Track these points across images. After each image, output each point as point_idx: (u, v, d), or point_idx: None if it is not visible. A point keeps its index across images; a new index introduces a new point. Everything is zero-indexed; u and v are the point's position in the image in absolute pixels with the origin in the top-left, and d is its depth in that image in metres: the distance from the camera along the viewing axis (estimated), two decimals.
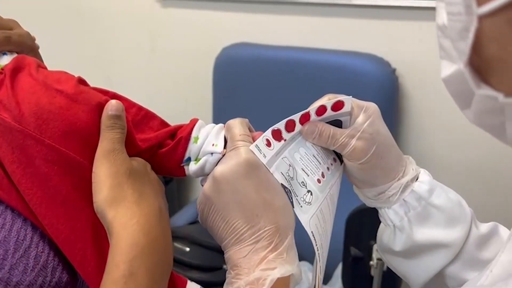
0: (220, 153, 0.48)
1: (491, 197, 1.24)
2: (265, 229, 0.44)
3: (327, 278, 1.17)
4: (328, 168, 0.52)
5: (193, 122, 0.51)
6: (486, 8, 0.27)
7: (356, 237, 1.04)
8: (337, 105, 0.50)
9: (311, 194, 0.48)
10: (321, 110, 0.50)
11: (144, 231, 0.40)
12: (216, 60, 1.41)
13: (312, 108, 0.50)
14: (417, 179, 0.53)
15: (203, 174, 0.49)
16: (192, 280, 0.53)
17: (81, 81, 0.46)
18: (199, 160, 0.49)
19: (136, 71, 1.64)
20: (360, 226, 1.02)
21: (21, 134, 0.41)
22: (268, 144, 0.47)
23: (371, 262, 1.00)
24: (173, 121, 0.52)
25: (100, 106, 0.44)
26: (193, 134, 0.49)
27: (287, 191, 0.46)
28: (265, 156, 0.46)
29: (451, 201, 0.53)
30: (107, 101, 0.45)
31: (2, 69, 0.45)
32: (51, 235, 0.42)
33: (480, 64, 0.30)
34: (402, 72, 1.26)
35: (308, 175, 0.49)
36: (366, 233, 1.01)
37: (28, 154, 0.41)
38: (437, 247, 0.52)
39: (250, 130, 0.49)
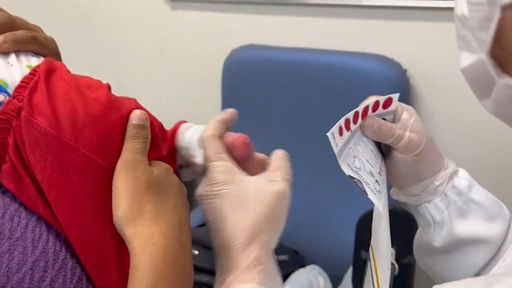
0: (201, 164, 0.48)
1: (506, 196, 1.23)
2: (251, 247, 0.43)
3: (337, 282, 1.17)
4: (381, 163, 0.54)
5: (174, 131, 0.50)
6: None
7: (366, 241, 1.03)
8: (388, 102, 0.52)
9: (378, 184, 0.50)
10: (376, 105, 0.52)
11: (163, 253, 0.40)
12: (225, 62, 1.40)
13: (370, 102, 0.52)
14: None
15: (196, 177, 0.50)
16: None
17: (109, 88, 0.46)
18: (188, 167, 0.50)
19: (145, 73, 1.64)
20: (371, 230, 1.01)
21: (56, 141, 0.40)
22: (340, 132, 0.48)
23: None
24: None
25: None
26: (178, 144, 0.50)
27: (356, 181, 0.48)
28: (337, 146, 0.47)
29: (490, 199, 0.54)
30: (136, 108, 0.45)
31: (35, 70, 0.44)
32: (76, 247, 0.41)
33: (501, 55, 0.30)
34: (413, 74, 1.25)
35: (372, 166, 0.51)
36: None
37: (62, 161, 0.40)
38: (477, 243, 0.53)
39: (228, 128, 0.49)
